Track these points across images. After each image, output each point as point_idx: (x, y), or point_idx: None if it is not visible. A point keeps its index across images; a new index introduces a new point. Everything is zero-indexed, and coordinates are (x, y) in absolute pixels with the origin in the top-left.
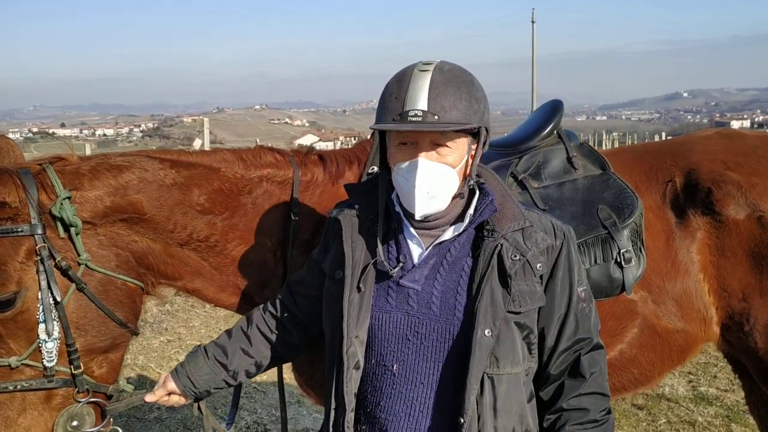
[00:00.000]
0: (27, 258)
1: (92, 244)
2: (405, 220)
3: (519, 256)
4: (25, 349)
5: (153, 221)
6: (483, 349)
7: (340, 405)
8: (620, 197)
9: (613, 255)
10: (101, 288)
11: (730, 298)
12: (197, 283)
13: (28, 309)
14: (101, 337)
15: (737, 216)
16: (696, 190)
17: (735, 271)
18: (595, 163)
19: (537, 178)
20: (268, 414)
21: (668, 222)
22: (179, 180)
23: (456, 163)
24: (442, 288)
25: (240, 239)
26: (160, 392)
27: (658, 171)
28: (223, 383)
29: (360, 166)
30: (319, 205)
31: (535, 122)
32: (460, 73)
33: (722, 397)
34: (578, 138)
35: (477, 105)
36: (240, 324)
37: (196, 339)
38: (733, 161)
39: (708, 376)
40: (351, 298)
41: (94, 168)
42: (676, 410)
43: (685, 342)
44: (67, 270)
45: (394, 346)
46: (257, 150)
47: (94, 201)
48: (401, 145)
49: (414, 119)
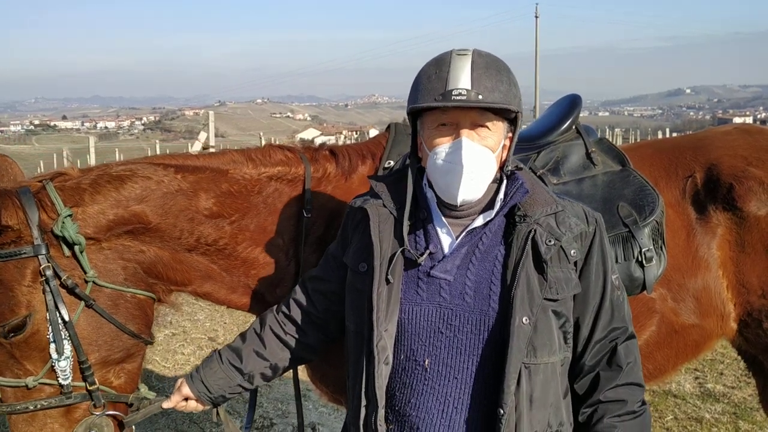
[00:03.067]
0: (33, 280)
1: (98, 259)
2: (436, 208)
3: (554, 240)
4: (40, 369)
5: (159, 229)
6: (521, 338)
7: (371, 402)
8: (641, 194)
9: (635, 254)
10: (111, 303)
11: (749, 294)
12: (207, 286)
13: (39, 330)
14: (115, 350)
15: (758, 212)
16: (717, 186)
17: (755, 268)
18: (614, 159)
19: (556, 174)
20: (274, 408)
21: (688, 218)
22: (184, 186)
23: (495, 147)
24: (476, 278)
25: (251, 240)
26: (176, 398)
27: (678, 166)
28: (238, 388)
29: (375, 160)
30: (332, 200)
31: (553, 117)
32: (497, 58)
33: (729, 394)
34: (597, 133)
35: (515, 90)
36: (253, 326)
37: (200, 332)
38: (754, 157)
39: (715, 373)
40: (380, 291)
41: (94, 181)
42: (683, 407)
43: (700, 337)
44: (74, 288)
45: (425, 340)
46: (267, 148)
47: (97, 216)
48: (441, 127)
49: (458, 98)
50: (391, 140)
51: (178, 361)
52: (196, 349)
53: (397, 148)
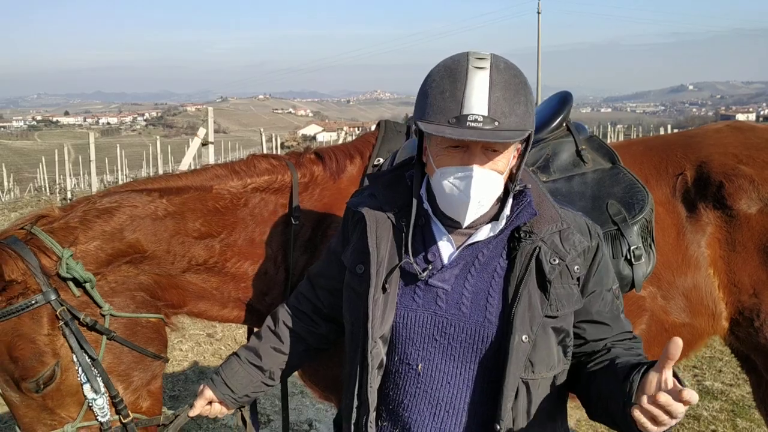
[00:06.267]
0: (51, 327)
1: (107, 293)
2: (434, 218)
3: (558, 260)
4: (77, 413)
5: (155, 256)
6: (520, 356)
7: (363, 404)
8: (630, 192)
9: (623, 252)
10: (129, 331)
11: (740, 293)
12: (201, 305)
13: (69, 375)
14: (141, 374)
15: (749, 210)
16: (707, 184)
17: (746, 266)
18: (605, 157)
19: (545, 172)
20: (272, 405)
21: (678, 216)
22: (171, 209)
23: (504, 168)
24: (473, 289)
25: (239, 255)
26: (200, 403)
27: (668, 164)
28: (261, 386)
29: (363, 159)
30: (320, 203)
31: (544, 114)
32: (515, 73)
33: (727, 392)
34: (588, 130)
35: (531, 108)
36: (267, 324)
37: (198, 329)
38: (745, 154)
39: (713, 371)
40: (375, 298)
41: (83, 218)
42: None
43: (691, 336)
44: (94, 325)
45: (419, 345)
46: (251, 159)
47: (95, 252)
48: (451, 149)
49: (474, 125)
50: (380, 138)
51: (177, 357)
52: (194, 345)
53: (387, 145)
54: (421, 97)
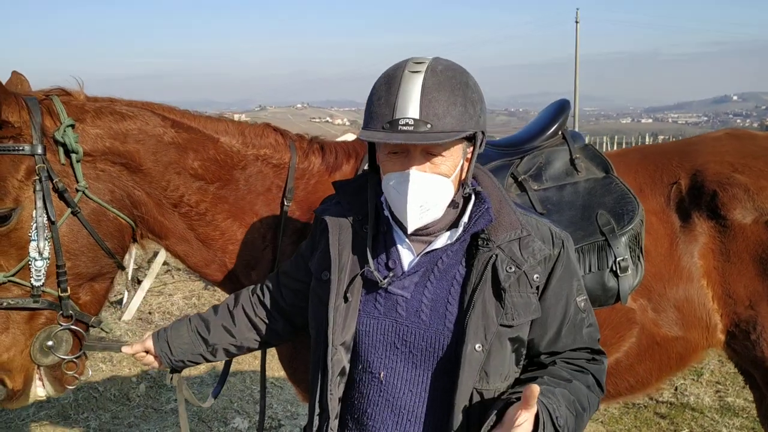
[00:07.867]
0: (26, 177)
1: (90, 175)
2: (395, 225)
3: (514, 268)
4: (14, 267)
5: (149, 174)
6: (473, 365)
7: (324, 411)
8: (621, 202)
9: (609, 263)
10: (94, 217)
11: (735, 305)
12: (181, 248)
13: (22, 227)
14: (89, 263)
15: (743, 220)
16: (701, 193)
17: (741, 278)
18: (598, 166)
19: (537, 180)
20: (283, 410)
21: (672, 226)
22: (177, 140)
23: (450, 171)
24: (433, 296)
25: (228, 213)
26: (137, 347)
27: (663, 173)
28: (200, 357)
29: (357, 160)
30: (314, 194)
31: (540, 122)
32: (453, 74)
33: (749, 408)
34: (584, 139)
35: (473, 108)
36: (227, 301)
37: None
38: (741, 163)
39: (737, 387)
40: (337, 305)
41: (98, 108)
42: (700, 420)
43: (684, 350)
44: (64, 193)
45: (381, 353)
46: (261, 127)
47: (95, 138)
48: (391, 154)
49: (405, 128)
50: None
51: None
52: None
53: None
54: (366, 104)
